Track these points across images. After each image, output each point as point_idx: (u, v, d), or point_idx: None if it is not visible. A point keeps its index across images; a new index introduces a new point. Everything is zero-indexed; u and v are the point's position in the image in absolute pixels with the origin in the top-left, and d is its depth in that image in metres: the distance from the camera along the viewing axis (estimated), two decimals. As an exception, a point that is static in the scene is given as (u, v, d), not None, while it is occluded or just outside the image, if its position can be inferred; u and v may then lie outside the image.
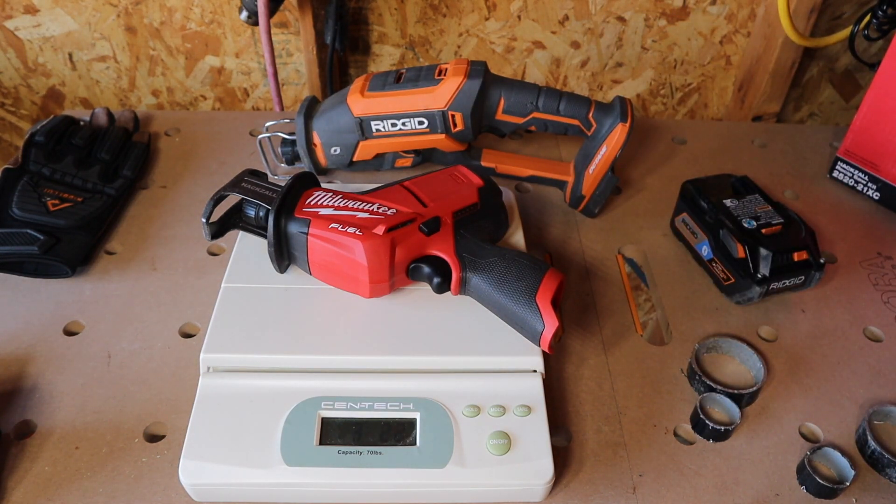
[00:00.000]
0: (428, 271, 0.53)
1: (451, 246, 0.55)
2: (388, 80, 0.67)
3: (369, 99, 0.66)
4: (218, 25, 0.96)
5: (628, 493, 0.49)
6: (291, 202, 0.55)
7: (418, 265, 0.54)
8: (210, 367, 0.50)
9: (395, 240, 0.53)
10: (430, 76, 0.66)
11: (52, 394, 0.54)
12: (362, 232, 0.52)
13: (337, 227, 0.53)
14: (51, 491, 0.48)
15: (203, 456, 0.46)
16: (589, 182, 0.69)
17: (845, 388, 0.57)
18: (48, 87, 1.02)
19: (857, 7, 0.95)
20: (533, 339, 0.51)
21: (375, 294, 0.54)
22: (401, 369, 0.51)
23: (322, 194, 0.56)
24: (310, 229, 0.53)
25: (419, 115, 0.66)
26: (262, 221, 0.57)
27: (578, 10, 0.96)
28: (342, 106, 0.67)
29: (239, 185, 0.56)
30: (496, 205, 0.60)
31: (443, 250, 0.54)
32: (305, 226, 0.53)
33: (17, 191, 0.64)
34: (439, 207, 0.56)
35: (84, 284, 0.63)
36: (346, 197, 0.56)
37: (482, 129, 0.69)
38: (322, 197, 0.56)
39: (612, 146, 0.66)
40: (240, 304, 0.54)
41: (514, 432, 0.48)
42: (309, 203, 0.55)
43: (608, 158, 0.66)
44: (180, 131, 0.82)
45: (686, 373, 0.57)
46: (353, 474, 0.46)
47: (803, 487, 0.50)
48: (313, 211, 0.54)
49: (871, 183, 0.75)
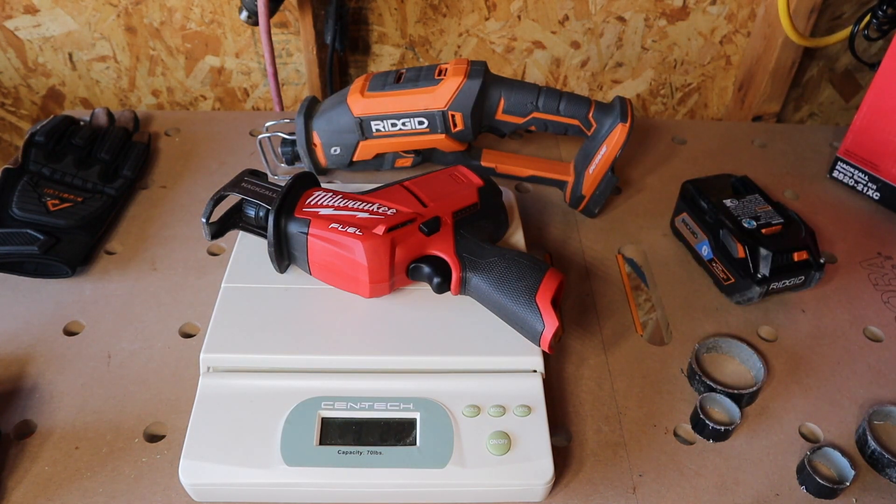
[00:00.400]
0: (428, 271, 0.53)
1: (451, 246, 0.55)
2: (388, 80, 0.67)
3: (369, 99, 0.66)
4: (218, 25, 0.96)
5: (628, 493, 0.49)
6: (291, 202, 0.55)
7: (418, 265, 0.54)
8: (210, 367, 0.50)
9: (395, 240, 0.53)
10: (430, 76, 0.66)
11: (52, 394, 0.54)
12: (362, 232, 0.52)
13: (337, 227, 0.53)
14: (51, 491, 0.48)
15: (203, 456, 0.46)
16: (589, 182, 0.69)
17: (845, 388, 0.57)
18: (48, 87, 1.02)
19: (857, 7, 0.95)
20: (533, 339, 0.51)
21: (375, 294, 0.54)
22: (401, 369, 0.51)
23: (322, 194, 0.56)
24: (310, 229, 0.53)
25: (419, 115, 0.66)
26: (262, 221, 0.57)
27: (578, 10, 0.96)
28: (342, 106, 0.67)
29: (239, 185, 0.56)
30: (496, 205, 0.60)
31: (443, 250, 0.54)
32: (305, 226, 0.53)
33: (17, 191, 0.64)
34: (439, 207, 0.56)
35: (84, 284, 0.63)
36: (346, 197, 0.56)
37: (482, 129, 0.69)
38: (322, 197, 0.56)
39: (612, 146, 0.66)
40: (240, 304, 0.54)
41: (514, 432, 0.48)
42: (309, 203, 0.55)
43: (608, 158, 0.66)
44: (180, 131, 0.82)
45: (686, 373, 0.57)
46: (353, 474, 0.46)
47: (803, 487, 0.50)
48: (313, 211, 0.54)
49: (871, 183, 0.75)
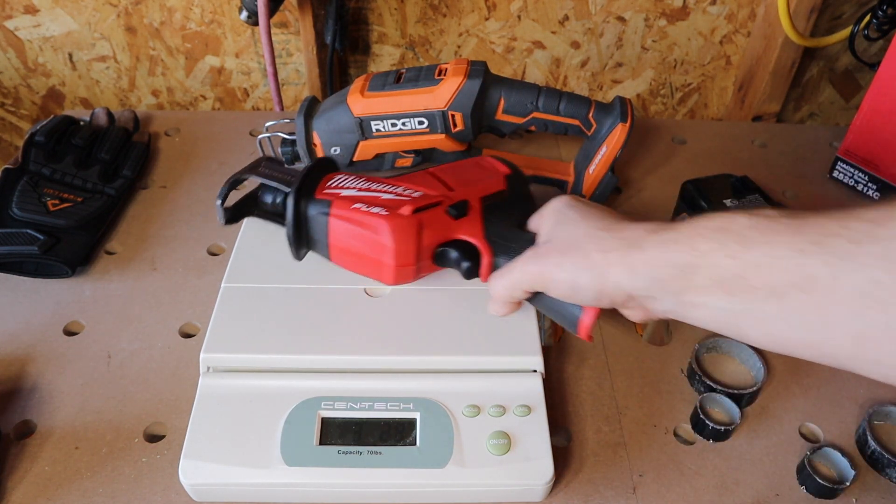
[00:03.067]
0: (456, 256, 0.50)
1: (480, 230, 0.52)
2: (388, 80, 0.67)
3: (369, 99, 0.66)
4: (218, 25, 0.96)
5: (628, 493, 0.49)
6: (312, 184, 0.52)
7: (445, 249, 0.51)
8: (210, 367, 0.50)
9: (422, 222, 0.50)
10: (430, 76, 0.66)
11: (52, 394, 0.54)
12: (388, 212, 0.49)
13: (360, 208, 0.50)
14: (51, 491, 0.48)
15: (203, 456, 0.46)
16: (589, 182, 0.69)
17: (845, 388, 0.57)
18: (48, 87, 1.02)
19: (857, 7, 0.95)
20: (570, 326, 0.47)
21: (400, 280, 0.51)
22: (401, 369, 0.51)
23: (344, 177, 0.53)
24: (331, 210, 0.50)
25: (419, 115, 0.66)
26: (279, 207, 0.54)
27: (578, 10, 0.96)
28: (342, 106, 0.67)
29: (256, 169, 0.54)
30: (524, 193, 0.57)
31: (471, 234, 0.51)
32: (327, 206, 0.50)
33: (17, 191, 0.64)
34: (467, 192, 0.53)
35: (84, 284, 0.63)
36: (370, 180, 0.53)
37: (482, 129, 0.68)
38: (344, 179, 0.53)
39: (612, 146, 0.66)
40: (240, 304, 0.54)
41: (514, 432, 0.48)
42: (330, 185, 0.52)
43: (608, 158, 0.66)
44: (180, 131, 0.82)
45: (686, 373, 0.57)
46: (353, 474, 0.46)
47: (803, 487, 0.50)
48: (335, 192, 0.51)
49: (871, 183, 0.75)
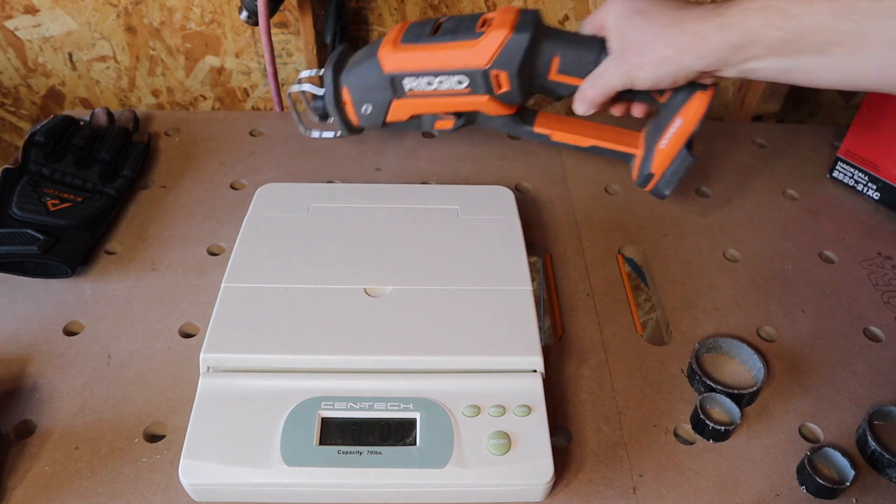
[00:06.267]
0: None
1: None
2: (424, 31, 0.59)
3: (402, 52, 0.58)
4: (218, 25, 0.96)
5: (628, 493, 0.49)
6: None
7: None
8: (210, 367, 0.50)
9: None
10: (470, 28, 0.57)
11: (52, 394, 0.54)
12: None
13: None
14: (51, 491, 0.48)
15: (203, 456, 0.46)
16: (660, 159, 0.59)
17: (845, 388, 0.57)
18: (48, 87, 1.02)
19: (857, 7, 0.95)
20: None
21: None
22: (401, 369, 0.51)
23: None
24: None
25: (458, 72, 0.57)
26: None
27: (578, 10, 0.96)
28: (372, 60, 0.59)
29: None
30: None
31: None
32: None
33: (16, 191, 0.64)
34: None
35: (84, 284, 0.63)
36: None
37: (533, 90, 0.58)
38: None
39: (690, 118, 0.56)
40: (240, 304, 0.54)
41: (514, 432, 0.48)
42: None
43: (683, 133, 0.57)
44: (180, 131, 0.82)
45: (686, 373, 0.57)
46: (353, 474, 0.46)
47: (803, 487, 0.50)
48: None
49: (871, 183, 0.75)
